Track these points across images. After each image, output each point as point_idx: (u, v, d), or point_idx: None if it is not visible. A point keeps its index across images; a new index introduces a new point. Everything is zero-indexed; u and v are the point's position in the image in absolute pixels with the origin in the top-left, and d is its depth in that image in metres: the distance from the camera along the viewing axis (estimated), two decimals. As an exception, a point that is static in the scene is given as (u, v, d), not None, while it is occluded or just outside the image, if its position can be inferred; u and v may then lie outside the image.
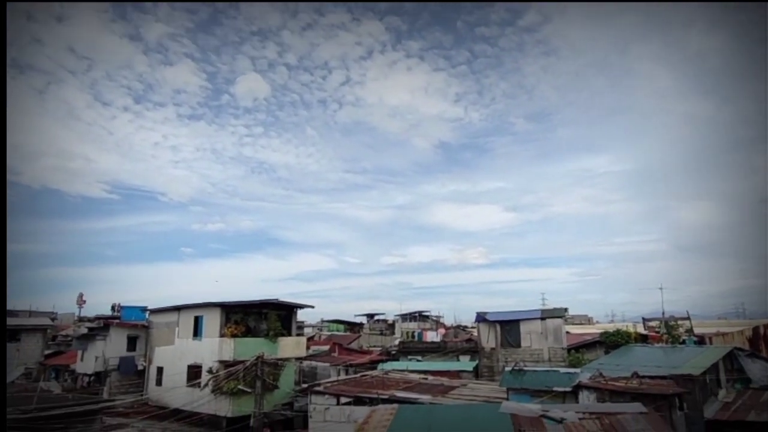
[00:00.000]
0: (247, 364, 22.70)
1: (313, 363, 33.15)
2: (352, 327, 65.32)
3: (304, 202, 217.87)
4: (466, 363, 31.71)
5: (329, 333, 57.16)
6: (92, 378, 30.45)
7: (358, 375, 26.46)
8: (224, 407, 23.56)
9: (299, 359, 29.27)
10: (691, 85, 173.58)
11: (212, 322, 25.91)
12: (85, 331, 32.60)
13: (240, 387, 23.13)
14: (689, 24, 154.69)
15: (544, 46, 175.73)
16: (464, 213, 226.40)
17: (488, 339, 31.30)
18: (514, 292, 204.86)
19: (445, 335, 40.69)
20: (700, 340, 32.08)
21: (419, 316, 58.38)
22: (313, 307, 29.87)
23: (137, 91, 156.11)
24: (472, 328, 43.74)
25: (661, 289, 42.33)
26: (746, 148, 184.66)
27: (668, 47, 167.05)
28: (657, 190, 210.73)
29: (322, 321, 67.33)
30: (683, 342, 29.94)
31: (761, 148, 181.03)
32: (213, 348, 25.08)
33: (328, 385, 22.88)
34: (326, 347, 41.64)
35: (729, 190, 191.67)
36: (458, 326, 55.41)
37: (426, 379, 25.35)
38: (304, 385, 24.96)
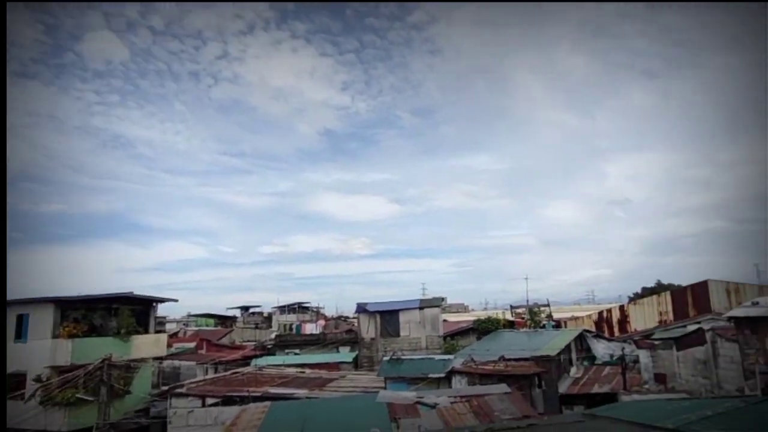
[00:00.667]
0: (90, 368, 20.15)
1: (176, 362, 30.86)
2: (224, 321, 62.45)
3: (171, 184, 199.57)
4: (345, 354, 32.13)
5: (197, 328, 53.85)
6: None
7: (229, 373, 25.57)
8: (57, 421, 20.76)
9: (158, 359, 26.95)
10: (557, 96, 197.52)
11: (43, 320, 22.46)
12: None
13: (79, 396, 20.49)
14: (557, 41, 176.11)
15: (430, 45, 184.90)
16: (349, 203, 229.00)
17: (368, 329, 32.06)
18: (396, 282, 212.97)
19: (325, 327, 40.72)
20: (558, 324, 36.78)
21: (299, 308, 57.81)
22: (176, 300, 27.78)
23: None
24: (353, 318, 44.49)
25: (526, 279, 47.48)
26: (598, 157, 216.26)
27: (539, 59, 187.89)
28: (527, 189, 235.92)
29: (189, 315, 63.09)
30: (543, 326, 33.88)
31: (609, 158, 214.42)
32: (43, 351, 21.81)
33: (193, 385, 21.53)
34: (192, 344, 39.25)
35: (585, 192, 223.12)
36: (340, 317, 55.98)
37: (303, 372, 25.21)
38: (164, 388, 23.03)
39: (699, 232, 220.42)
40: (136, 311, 24.97)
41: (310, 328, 39.01)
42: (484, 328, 31.97)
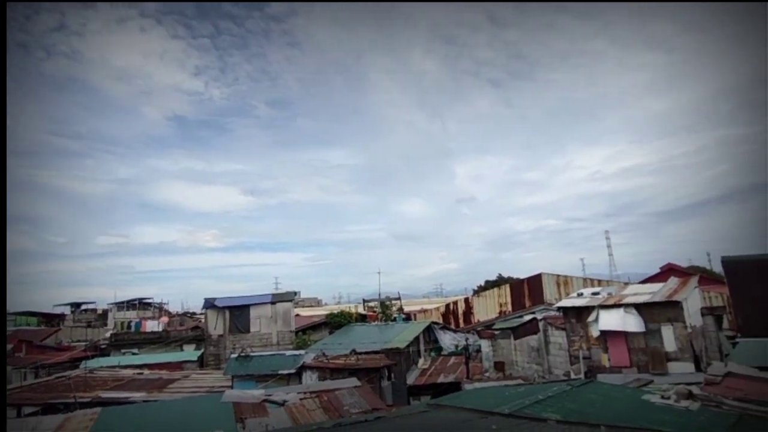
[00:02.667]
0: None
1: (-18, 367, 24.92)
2: (50, 319, 54.68)
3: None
4: (190, 353, 29.57)
5: (15, 328, 45.34)
6: None
7: (53, 377, 22.80)
8: None
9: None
10: (410, 98, 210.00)
11: None
12: None
13: None
14: (411, 44, 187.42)
15: (289, 38, 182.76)
16: (198, 192, 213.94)
17: (216, 326, 29.67)
18: (249, 276, 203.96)
19: (168, 324, 36.79)
20: (408, 317, 38.03)
21: (139, 304, 51.85)
22: (-12, 296, 22.02)
23: None
24: (201, 315, 41.00)
25: (379, 273, 48.50)
26: (449, 157, 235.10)
27: (394, 61, 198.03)
28: (381, 186, 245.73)
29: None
30: (395, 319, 34.76)
31: (458, 158, 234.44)
32: None
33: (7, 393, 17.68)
34: (9, 347, 32.81)
35: (436, 190, 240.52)
36: (185, 313, 51.60)
37: (141, 374, 22.98)
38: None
39: (534, 229, 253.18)
40: None
41: (152, 326, 34.90)
42: (337, 322, 31.73)
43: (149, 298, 54.32)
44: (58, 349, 36.63)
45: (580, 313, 18.24)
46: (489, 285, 51.35)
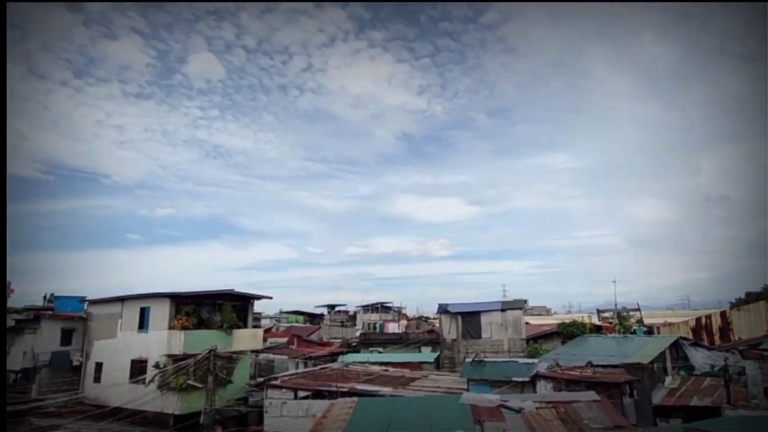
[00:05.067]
0: (199, 358, 22.44)
1: (270, 356, 33.07)
2: (312, 318, 64.39)
3: (263, 189, 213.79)
4: (427, 354, 32.49)
5: (288, 324, 56.70)
6: (19, 375, 29.05)
7: (318, 368, 26.74)
8: (172, 404, 23.24)
9: (255, 352, 29.21)
10: (641, 88, 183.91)
11: (161, 313, 25.38)
12: (12, 323, 30.94)
13: (190, 382, 22.87)
14: (640, 30, 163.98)
15: (504, 44, 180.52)
16: (427, 205, 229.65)
17: (449, 330, 32.31)
18: (475, 283, 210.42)
19: (407, 327, 41.46)
20: (649, 330, 34.67)
21: (381, 308, 58.75)
22: (270, 298, 29.75)
23: (77, 65, 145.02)
24: (434, 319, 44.80)
25: (614, 282, 45.22)
26: (690, 150, 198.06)
27: (619, 51, 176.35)
28: (611, 187, 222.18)
29: (281, 312, 66.66)
30: (634, 332, 32.17)
31: (704, 151, 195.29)
32: (161, 341, 24.63)
33: (286, 378, 22.96)
34: (284, 339, 41.33)
35: (675, 189, 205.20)
36: (420, 317, 56.25)
37: (387, 371, 25.83)
38: (260, 379, 24.96)
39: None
40: (236, 307, 27.29)
41: (393, 328, 39.89)
42: (569, 332, 31.02)
43: (389, 302, 61.33)
44: (320, 344, 42.54)
45: None
46: (752, 298, 42.53)
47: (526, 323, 36.61)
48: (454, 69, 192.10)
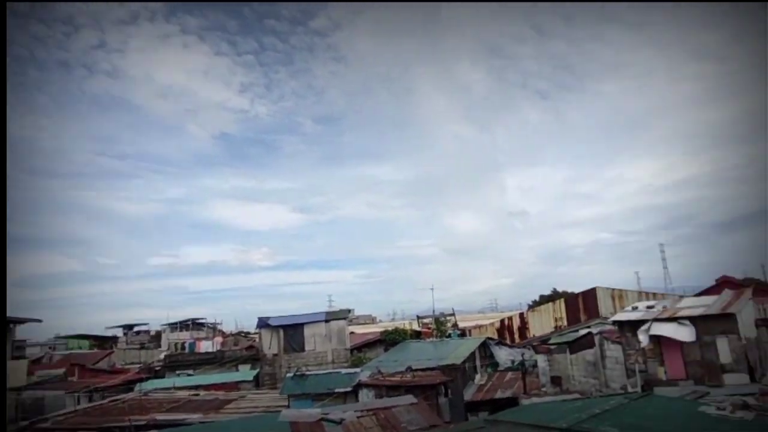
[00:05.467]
0: None
1: (40, 392, 27.48)
2: (103, 342, 57.54)
3: (34, 186, 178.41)
4: (245, 373, 31.08)
5: (67, 352, 48.49)
6: None
7: (107, 401, 23.81)
8: None
9: (16, 390, 23.73)
10: (459, 110, 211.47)
11: None
12: None
13: None
14: (459, 57, 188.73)
15: (334, 52, 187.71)
16: (249, 211, 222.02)
17: (271, 345, 31.18)
18: (301, 294, 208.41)
19: (223, 344, 38.81)
20: (463, 333, 38.45)
21: (193, 325, 54.53)
22: (39, 321, 24.58)
23: None
24: (255, 334, 42.90)
25: (432, 289, 49.04)
26: (498, 170, 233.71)
27: (441, 73, 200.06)
28: (432, 200, 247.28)
29: (57, 337, 56.59)
30: (449, 335, 35.22)
31: (508, 171, 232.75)
32: None
33: (61, 418, 19.57)
34: (61, 370, 35.27)
35: (485, 204, 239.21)
36: (239, 333, 53.77)
37: (197, 395, 24.00)
38: (24, 423, 20.34)
39: (588, 242, 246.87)
40: (-13, 334, 21.76)
41: (206, 346, 36.99)
42: (392, 339, 32.53)
43: (202, 318, 57.12)
44: (111, 372, 37.87)
45: (635, 327, 18.48)
46: (543, 300, 51.14)
47: (352, 333, 37.44)
48: (281, 70, 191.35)
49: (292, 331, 31.34)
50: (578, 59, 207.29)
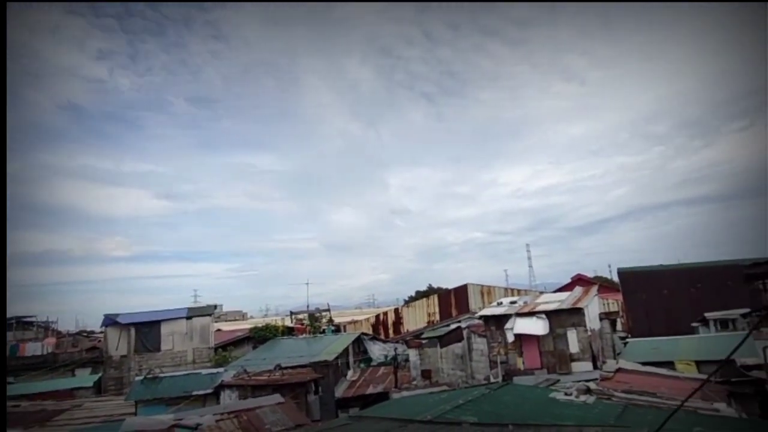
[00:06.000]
0: None
1: None
2: None
3: None
4: (84, 378, 28.13)
5: None
6: None
7: None
8: None
9: None
10: (346, 105, 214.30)
11: None
12: None
13: None
14: (347, 53, 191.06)
15: (213, 29, 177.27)
16: (101, 195, 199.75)
17: (119, 345, 28.54)
18: (163, 289, 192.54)
19: (57, 345, 34.45)
20: (338, 329, 38.82)
21: (17, 324, 47.60)
22: None
23: None
24: (101, 333, 38.85)
25: (307, 284, 48.81)
26: (383, 168, 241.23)
27: (329, 66, 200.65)
28: (314, 193, 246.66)
29: None
30: (323, 331, 35.33)
31: (393, 169, 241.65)
32: None
33: None
34: None
35: (368, 200, 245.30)
36: (80, 333, 48.24)
37: (18, 406, 21.31)
38: None
39: (463, 241, 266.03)
40: None
41: (33, 349, 32.50)
42: (262, 336, 31.75)
43: (30, 317, 50.27)
44: None
45: (499, 321, 20.27)
46: (419, 295, 53.67)
47: (218, 330, 35.89)
48: (150, 41, 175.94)
49: (147, 330, 29.01)
50: (462, 66, 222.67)
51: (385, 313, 44.54)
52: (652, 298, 27.03)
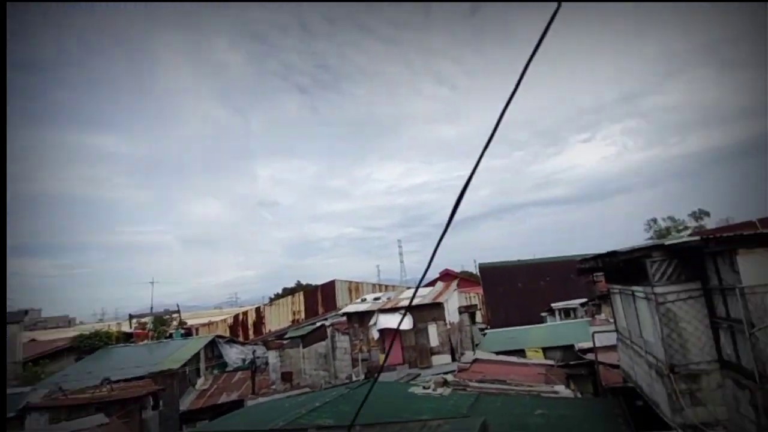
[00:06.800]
0: None
1: None
2: None
3: None
4: None
5: None
6: None
7: None
8: None
9: None
10: (210, 90, 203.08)
11: None
12: None
13: None
14: (217, 34, 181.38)
15: None
16: None
17: None
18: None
19: None
20: (188, 332, 36.24)
21: None
22: None
23: None
24: None
25: (152, 282, 45.10)
26: (251, 158, 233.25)
27: (192, 46, 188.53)
28: (169, 182, 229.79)
29: None
30: (170, 336, 32.72)
31: (263, 160, 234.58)
32: None
33: None
34: None
35: (235, 192, 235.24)
36: None
37: None
38: None
39: (335, 236, 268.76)
40: None
41: None
42: (89, 345, 28.41)
43: None
44: None
45: (362, 318, 20.64)
46: (286, 293, 52.68)
47: (32, 340, 31.61)
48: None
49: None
50: (337, 61, 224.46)
51: (245, 313, 42.98)
52: (509, 290, 29.87)
